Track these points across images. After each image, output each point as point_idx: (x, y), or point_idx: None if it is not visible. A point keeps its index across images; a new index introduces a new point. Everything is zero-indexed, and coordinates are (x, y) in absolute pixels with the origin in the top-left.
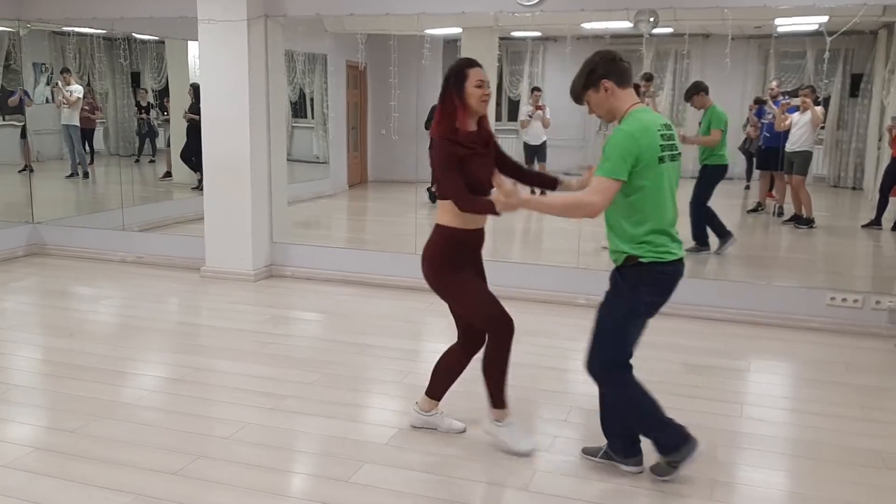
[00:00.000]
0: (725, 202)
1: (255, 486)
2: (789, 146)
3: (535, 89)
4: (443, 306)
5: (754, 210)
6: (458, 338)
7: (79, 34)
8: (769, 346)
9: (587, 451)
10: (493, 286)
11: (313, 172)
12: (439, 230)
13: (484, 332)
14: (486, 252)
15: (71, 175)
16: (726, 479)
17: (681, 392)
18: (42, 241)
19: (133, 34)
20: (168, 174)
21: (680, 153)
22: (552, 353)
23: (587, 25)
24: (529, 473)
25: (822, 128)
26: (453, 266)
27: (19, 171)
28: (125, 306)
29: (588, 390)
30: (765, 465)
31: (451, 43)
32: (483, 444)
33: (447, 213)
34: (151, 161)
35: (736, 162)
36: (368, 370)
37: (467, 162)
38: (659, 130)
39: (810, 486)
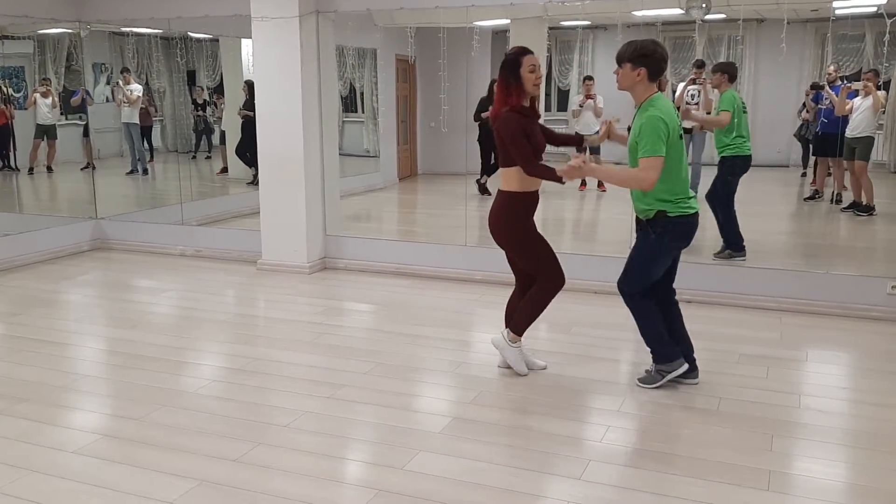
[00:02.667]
0: (781, 190)
1: (312, 472)
2: (850, 132)
3: (587, 78)
4: (492, 297)
5: (811, 198)
6: (517, 286)
7: (137, 34)
8: (827, 336)
9: (643, 381)
10: None
11: (364, 166)
12: (506, 195)
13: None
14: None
15: (131, 172)
16: (783, 470)
17: (737, 382)
18: (105, 236)
19: (189, 33)
20: (224, 170)
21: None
22: (605, 343)
23: (638, 13)
24: (584, 463)
25: (883, 112)
26: (522, 224)
27: (82, 169)
28: (185, 298)
29: None
30: (823, 456)
31: (499, 34)
32: (536, 433)
33: (512, 179)
34: (208, 157)
35: (791, 149)
36: (421, 360)
37: (530, 131)
38: (675, 113)
39: (870, 477)
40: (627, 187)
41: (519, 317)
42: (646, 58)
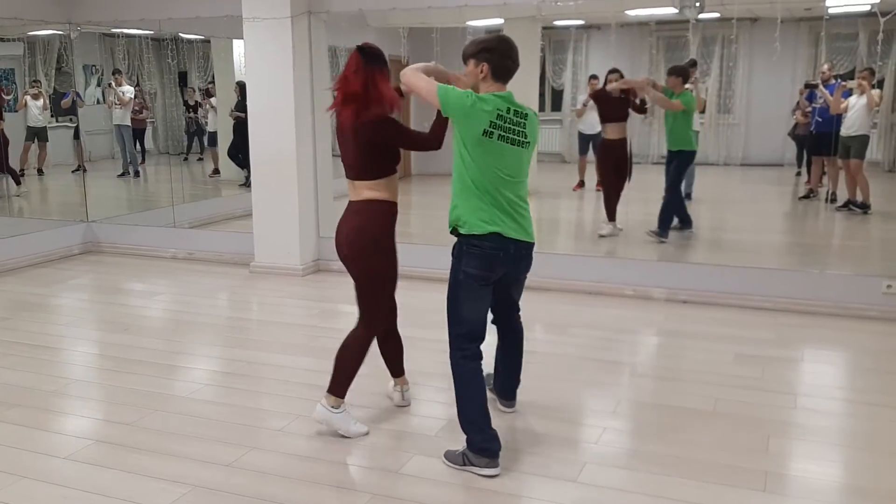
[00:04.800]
0: (776, 189)
1: (306, 477)
2: (845, 130)
3: (592, 77)
4: None
5: (806, 197)
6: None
7: (127, 35)
8: (823, 336)
9: (447, 456)
10: (540, 278)
11: None
12: (377, 205)
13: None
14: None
15: (122, 174)
16: (779, 471)
17: (733, 383)
18: (96, 239)
19: (180, 34)
20: (216, 171)
21: (529, 142)
22: (600, 344)
23: (631, 12)
24: (579, 465)
25: (878, 111)
26: (390, 243)
27: (73, 171)
28: (177, 302)
29: (636, 382)
30: (819, 457)
31: (493, 34)
32: (531, 436)
33: (381, 189)
34: (199, 159)
35: (786, 148)
36: (415, 363)
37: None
38: (499, 110)
39: (867, 477)
40: (411, 82)
41: (338, 375)
42: (489, 52)
